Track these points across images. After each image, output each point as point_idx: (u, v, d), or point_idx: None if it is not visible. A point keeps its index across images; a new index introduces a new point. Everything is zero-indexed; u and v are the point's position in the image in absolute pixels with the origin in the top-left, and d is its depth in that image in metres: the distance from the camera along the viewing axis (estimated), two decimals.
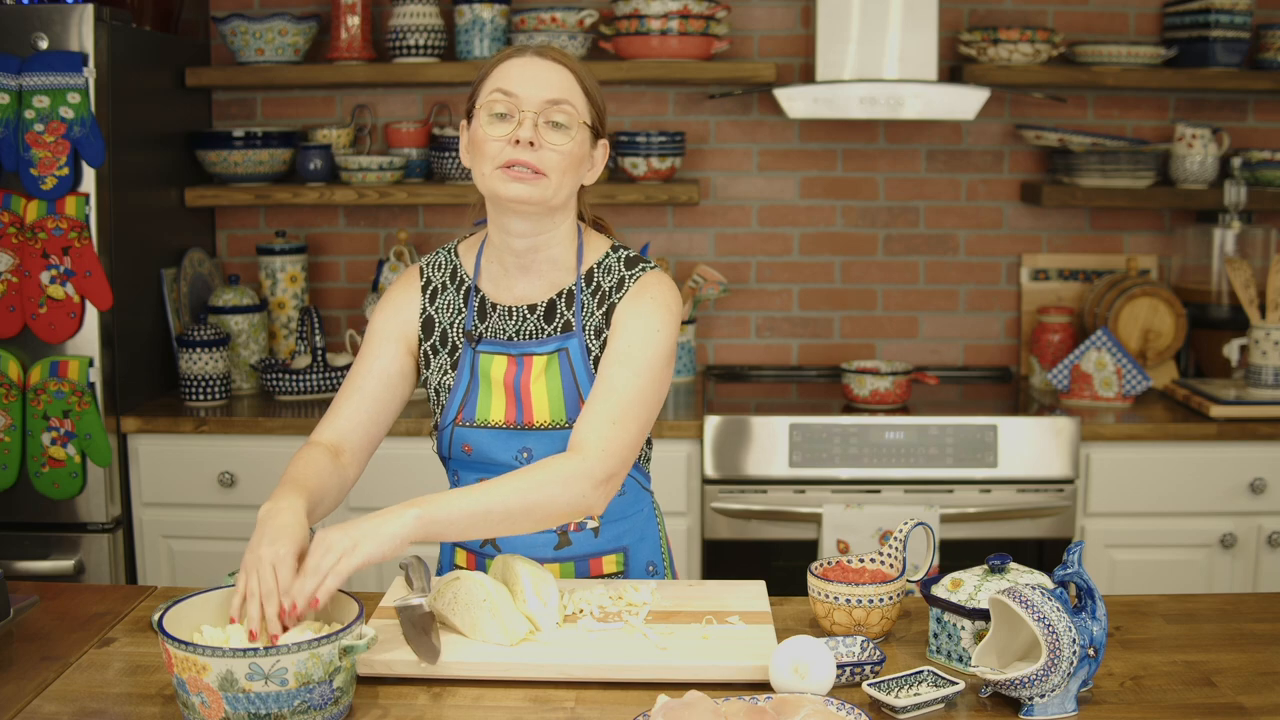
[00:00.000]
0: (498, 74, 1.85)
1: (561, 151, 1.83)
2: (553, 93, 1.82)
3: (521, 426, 1.91)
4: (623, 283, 1.92)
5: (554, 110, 1.82)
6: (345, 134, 3.64)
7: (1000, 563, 1.72)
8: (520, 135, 1.80)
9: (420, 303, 1.98)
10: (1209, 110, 3.67)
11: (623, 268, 1.93)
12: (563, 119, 1.83)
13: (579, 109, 1.85)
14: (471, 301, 1.96)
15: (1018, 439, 3.11)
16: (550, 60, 1.86)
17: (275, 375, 3.37)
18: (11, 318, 3.01)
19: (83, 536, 3.10)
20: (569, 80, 1.85)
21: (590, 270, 1.94)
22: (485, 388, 1.92)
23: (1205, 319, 3.55)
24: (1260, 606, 1.94)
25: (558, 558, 1.96)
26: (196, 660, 1.44)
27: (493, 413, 1.92)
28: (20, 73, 2.94)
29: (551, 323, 1.92)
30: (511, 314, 1.94)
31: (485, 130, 1.83)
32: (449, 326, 1.96)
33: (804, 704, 1.48)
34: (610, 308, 1.91)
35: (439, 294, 1.98)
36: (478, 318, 1.95)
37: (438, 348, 1.97)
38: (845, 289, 3.76)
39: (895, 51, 3.36)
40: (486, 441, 1.92)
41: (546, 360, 1.91)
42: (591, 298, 1.92)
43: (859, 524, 3.05)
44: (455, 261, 2.00)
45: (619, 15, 3.42)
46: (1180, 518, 3.15)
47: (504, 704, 1.60)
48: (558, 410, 1.90)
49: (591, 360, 1.91)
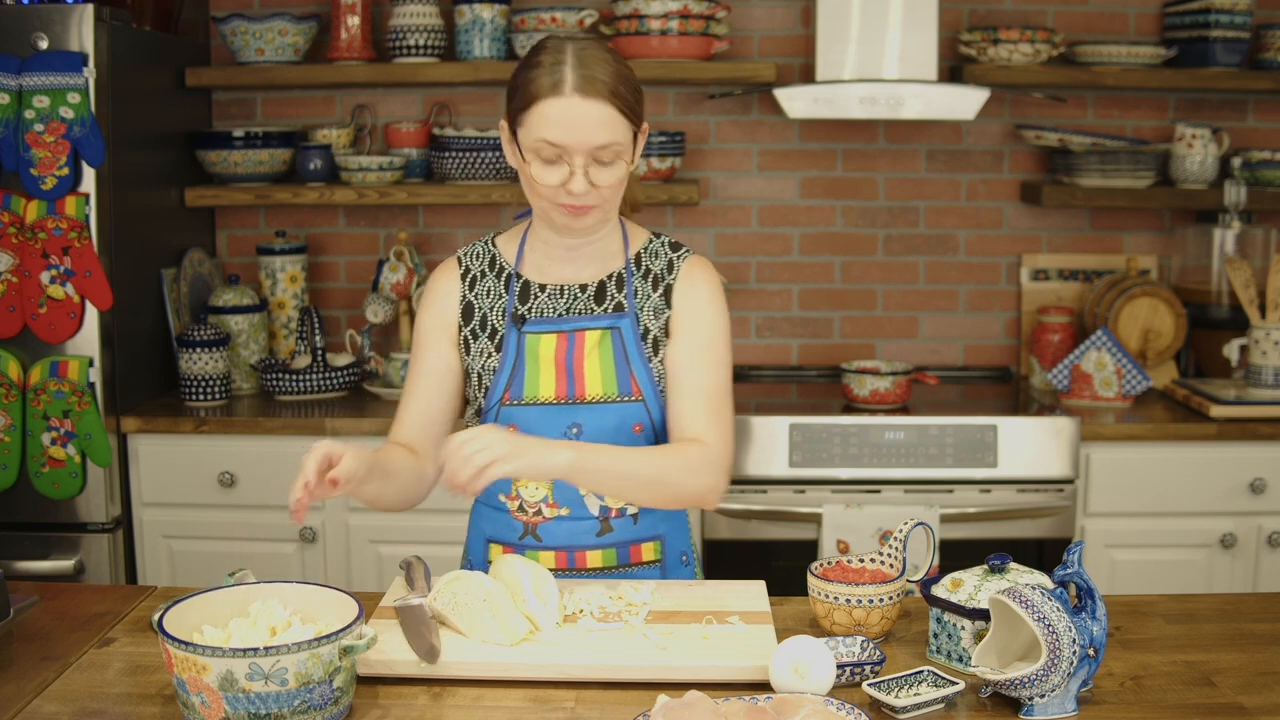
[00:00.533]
0: (540, 117, 1.83)
1: (611, 183, 1.87)
2: (599, 139, 1.83)
3: (573, 400, 1.94)
4: (671, 265, 2.00)
5: (601, 153, 1.85)
6: (345, 134, 3.64)
7: (1000, 563, 1.72)
8: (574, 189, 1.85)
9: (460, 290, 2.02)
10: (1209, 110, 3.67)
11: (668, 250, 2.02)
12: (610, 158, 1.86)
13: (623, 139, 1.86)
14: (513, 287, 2.00)
15: (1018, 439, 3.11)
16: (592, 99, 1.82)
17: (275, 375, 3.37)
18: (11, 318, 3.01)
19: (83, 536, 3.10)
20: (610, 115, 1.84)
21: (638, 255, 2.01)
22: (533, 366, 1.96)
23: (1205, 319, 3.55)
24: (1260, 606, 1.94)
25: (600, 544, 1.97)
26: (196, 660, 1.44)
27: (541, 389, 1.95)
28: (20, 73, 2.94)
29: (602, 303, 1.98)
30: (562, 292, 1.99)
31: (537, 174, 1.87)
32: (489, 311, 2.00)
33: (804, 704, 1.48)
34: (667, 289, 1.98)
35: (478, 281, 2.02)
36: (519, 300, 1.99)
37: (478, 332, 2.00)
38: (845, 289, 3.76)
39: (895, 51, 3.36)
40: (535, 419, 1.94)
41: (600, 336, 1.96)
42: (644, 280, 1.99)
43: (859, 524, 3.05)
44: (494, 251, 2.05)
45: (619, 15, 3.42)
46: (1180, 518, 3.15)
47: (504, 704, 1.60)
48: (609, 384, 1.95)
49: (650, 341, 1.97)
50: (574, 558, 1.97)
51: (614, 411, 1.94)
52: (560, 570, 1.97)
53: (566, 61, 1.84)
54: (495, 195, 3.45)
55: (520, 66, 1.90)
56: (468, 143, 3.44)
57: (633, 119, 1.87)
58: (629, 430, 1.95)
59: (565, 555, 1.97)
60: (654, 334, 1.97)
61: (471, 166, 3.44)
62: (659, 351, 1.97)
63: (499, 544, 2.01)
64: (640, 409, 1.95)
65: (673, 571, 2.05)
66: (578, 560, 1.96)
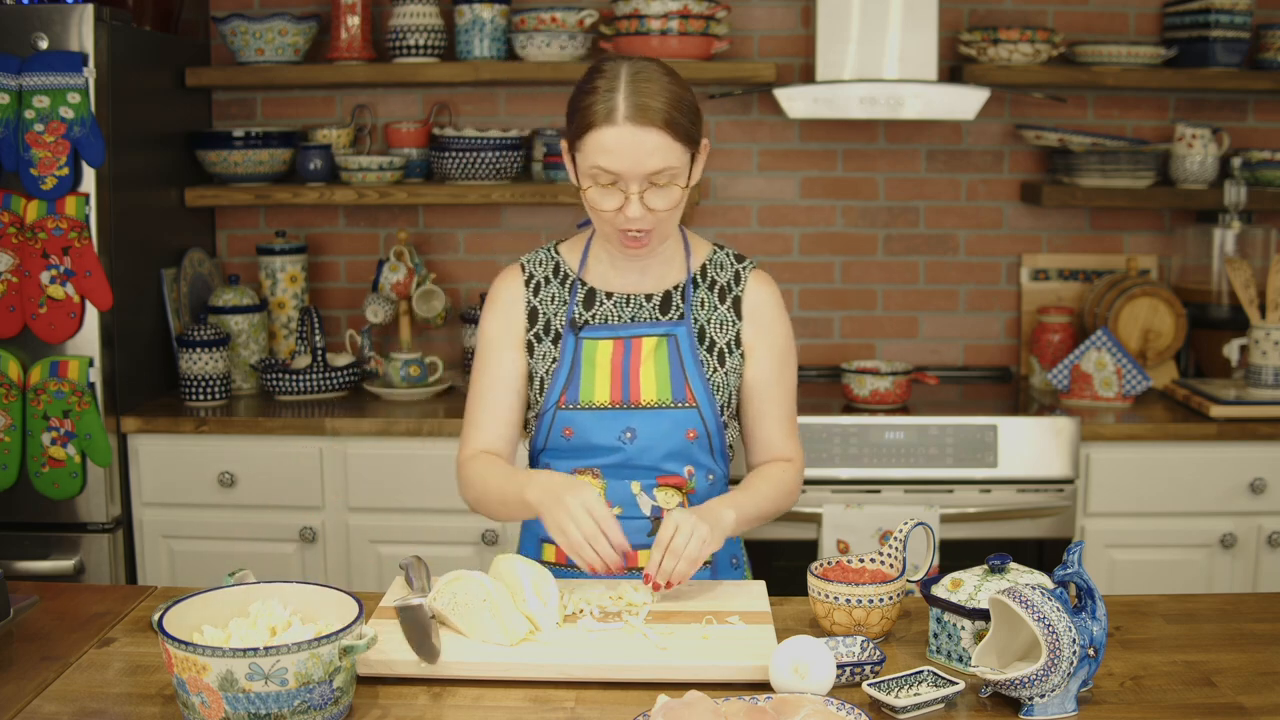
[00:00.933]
0: (595, 145, 1.86)
1: (667, 207, 1.90)
2: (651, 165, 1.86)
3: (627, 405, 1.97)
4: (738, 276, 2.05)
5: (656, 178, 1.87)
6: (345, 134, 3.64)
7: (1000, 563, 1.72)
8: (629, 213, 1.88)
9: (525, 296, 2.05)
10: (1209, 110, 3.67)
11: (733, 261, 2.07)
12: (664, 182, 1.88)
13: (678, 164, 1.89)
14: (576, 292, 2.03)
15: (1018, 439, 3.11)
16: (645, 127, 1.84)
17: (275, 375, 3.37)
18: (11, 318, 3.01)
19: (83, 536, 3.10)
20: (664, 143, 1.85)
21: (704, 266, 2.05)
22: (589, 371, 1.99)
23: (1205, 319, 3.55)
24: (1260, 606, 1.94)
25: (648, 544, 1.98)
26: (196, 660, 1.44)
27: (597, 394, 1.98)
28: (20, 73, 2.94)
29: (667, 313, 2.02)
30: (628, 301, 2.02)
31: (594, 199, 1.91)
32: (553, 316, 2.03)
33: (804, 704, 1.48)
34: (735, 300, 2.04)
35: (542, 287, 2.05)
36: (583, 306, 2.02)
37: (541, 336, 2.03)
38: (845, 289, 3.76)
39: (895, 51, 3.36)
40: (589, 423, 1.98)
41: (656, 342, 1.99)
42: (710, 291, 2.04)
43: (859, 524, 3.05)
44: (557, 258, 2.08)
45: (619, 15, 3.42)
46: (1180, 518, 3.15)
47: (504, 704, 1.60)
48: (664, 390, 1.98)
49: (715, 352, 2.01)
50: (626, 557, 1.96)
51: (668, 417, 1.97)
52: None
53: (620, 89, 1.85)
54: (495, 195, 3.45)
55: (576, 90, 1.92)
56: (468, 143, 3.44)
57: (688, 143, 1.89)
58: (683, 436, 1.98)
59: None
60: (720, 346, 2.01)
61: (471, 166, 3.44)
62: (725, 362, 2.01)
63: (553, 544, 2.04)
64: (694, 415, 1.98)
65: (723, 573, 2.08)
66: (630, 560, 1.96)
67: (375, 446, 3.16)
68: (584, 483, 1.82)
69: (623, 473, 1.99)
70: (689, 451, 1.99)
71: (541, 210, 3.71)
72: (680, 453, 1.99)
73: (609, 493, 1.99)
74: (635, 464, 1.99)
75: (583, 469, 2.00)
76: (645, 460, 1.98)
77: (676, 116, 1.86)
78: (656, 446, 1.98)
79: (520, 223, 3.74)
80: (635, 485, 1.99)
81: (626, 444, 1.97)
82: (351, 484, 3.17)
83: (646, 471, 1.99)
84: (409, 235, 3.61)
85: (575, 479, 1.85)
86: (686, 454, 2.00)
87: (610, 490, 1.99)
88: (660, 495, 2.00)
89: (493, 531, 3.14)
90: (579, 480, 1.84)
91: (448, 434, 3.13)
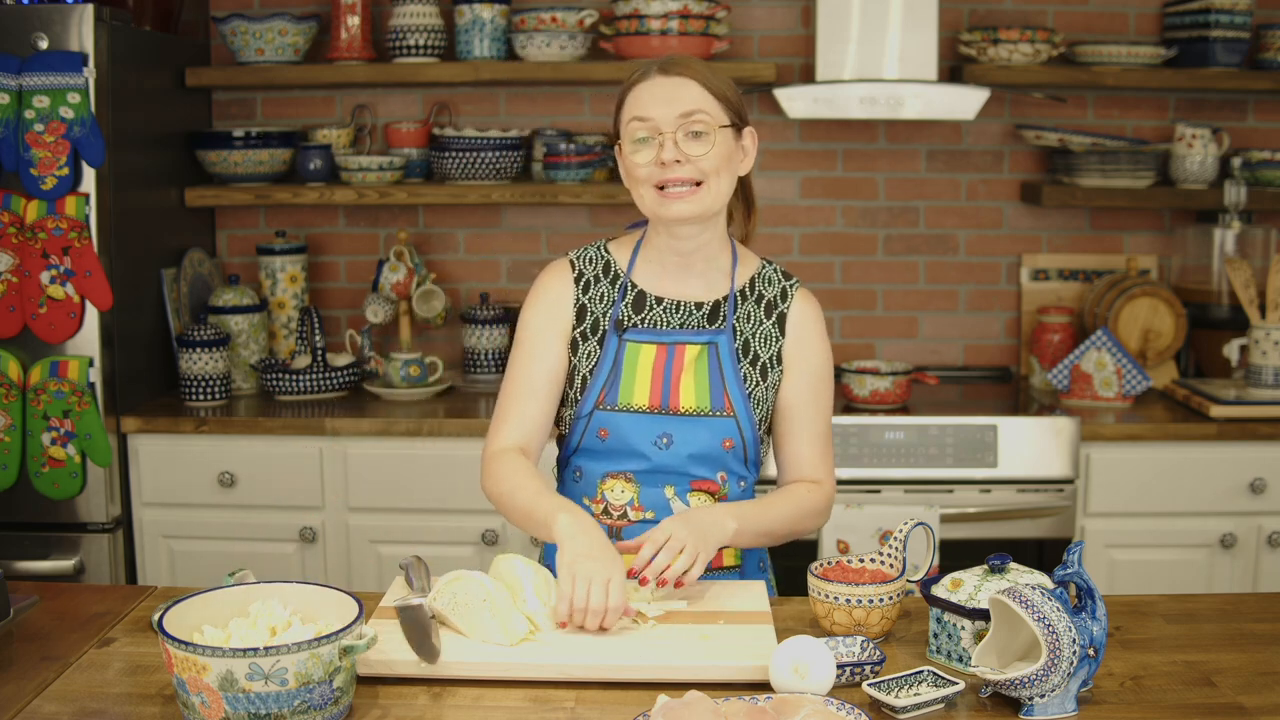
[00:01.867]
0: (630, 100, 1.94)
1: (709, 158, 1.91)
2: (684, 106, 1.90)
3: (666, 411, 1.97)
4: (785, 293, 2.05)
5: (690, 123, 1.90)
6: (345, 134, 3.64)
7: (1000, 563, 1.72)
8: (665, 157, 1.90)
9: (574, 293, 2.04)
10: (1209, 110, 3.67)
11: (781, 278, 2.07)
12: (700, 128, 1.90)
13: (713, 114, 1.92)
14: (625, 293, 2.02)
15: (1018, 439, 3.11)
16: (675, 76, 1.93)
17: (275, 375, 3.37)
18: (11, 318, 3.01)
19: (83, 536, 3.10)
20: (696, 90, 1.92)
21: (752, 279, 2.05)
22: (629, 374, 1.98)
23: (1205, 319, 3.55)
24: (1260, 606, 1.94)
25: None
26: (196, 660, 1.44)
27: (635, 397, 1.97)
28: (20, 73, 2.94)
29: (715, 322, 2.01)
30: (678, 308, 2.01)
31: (632, 157, 1.93)
32: (601, 315, 2.02)
33: (804, 704, 1.48)
34: (781, 316, 2.04)
35: (592, 285, 2.04)
36: (633, 309, 2.01)
37: (587, 335, 2.01)
38: (845, 289, 3.76)
39: (895, 51, 3.36)
40: (627, 426, 1.97)
41: (699, 351, 1.99)
42: (757, 305, 2.03)
43: (859, 524, 3.05)
44: (607, 256, 2.07)
45: (619, 15, 3.42)
46: (1180, 518, 3.15)
47: (504, 704, 1.60)
48: (703, 398, 1.97)
49: (759, 367, 2.00)
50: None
51: (705, 425, 1.97)
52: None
53: (655, 62, 1.96)
54: (495, 195, 3.45)
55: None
56: (468, 143, 3.44)
57: (725, 105, 1.93)
58: (719, 445, 1.98)
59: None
60: (764, 360, 2.01)
61: (471, 166, 3.44)
62: (767, 377, 2.01)
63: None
64: (731, 425, 1.98)
65: (750, 576, 2.08)
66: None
67: (375, 446, 3.16)
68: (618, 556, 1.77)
69: (656, 478, 1.98)
70: (724, 459, 1.99)
71: (542, 210, 3.71)
72: (716, 459, 1.98)
73: (641, 496, 1.98)
74: (669, 469, 1.97)
75: (616, 473, 1.99)
76: (679, 466, 1.97)
77: (710, 77, 1.94)
78: (692, 453, 1.97)
79: (520, 223, 3.74)
80: (669, 490, 1.98)
81: (663, 449, 1.96)
82: (351, 484, 3.17)
83: (680, 476, 1.98)
84: (409, 235, 3.61)
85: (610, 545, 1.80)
86: (721, 461, 1.99)
87: (643, 494, 1.98)
88: (694, 500, 1.99)
89: (493, 531, 3.14)
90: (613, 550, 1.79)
91: (448, 434, 3.13)
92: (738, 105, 1.96)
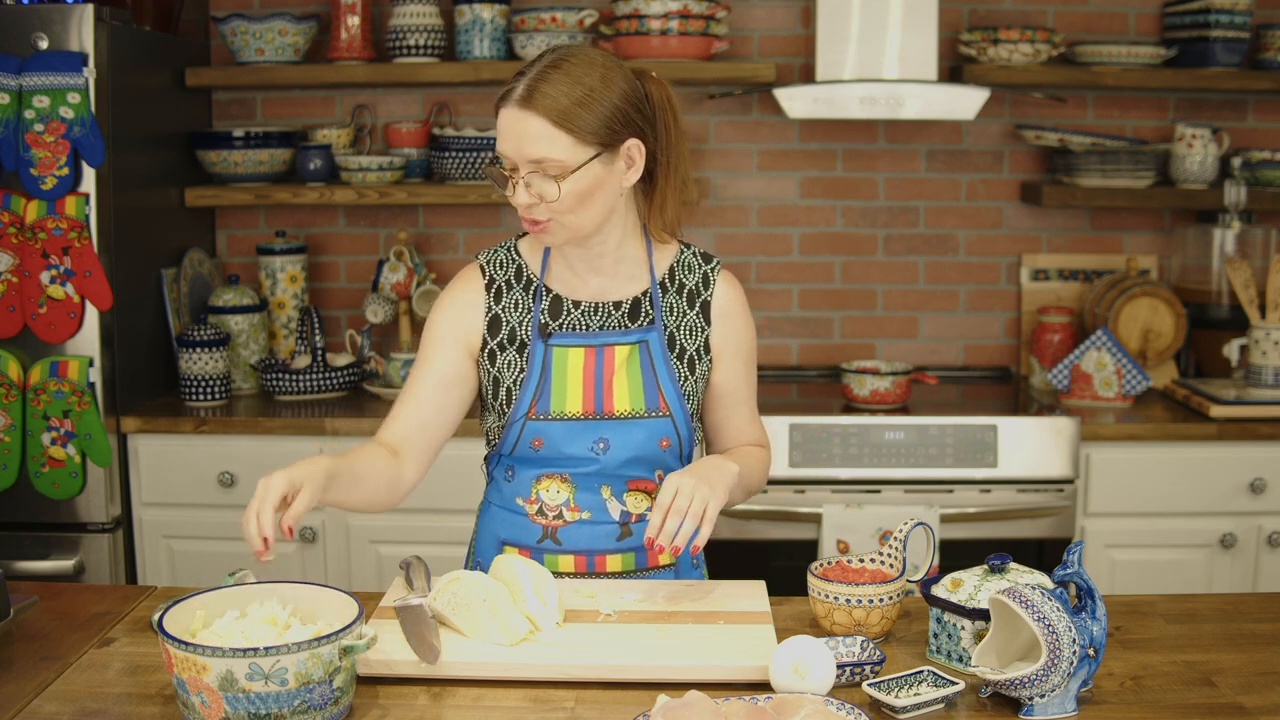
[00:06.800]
0: (499, 120, 1.84)
1: (563, 200, 1.82)
2: (534, 151, 1.80)
3: (600, 416, 1.94)
4: (706, 279, 2.01)
5: (538, 168, 1.81)
6: (345, 134, 3.64)
7: (1000, 563, 1.72)
8: (517, 201, 1.85)
9: (485, 302, 1.98)
10: (1209, 110, 3.67)
11: (700, 262, 2.02)
12: (553, 171, 1.81)
13: (567, 156, 1.79)
14: (541, 298, 1.97)
15: (1018, 439, 3.11)
16: (529, 111, 1.79)
17: (275, 375, 3.37)
18: (11, 318, 3.01)
19: (83, 536, 3.10)
20: (546, 130, 1.79)
21: (671, 268, 2.00)
22: (559, 381, 1.94)
23: (1205, 319, 3.55)
24: (1260, 606, 1.94)
25: (620, 548, 1.97)
26: (196, 660, 1.44)
27: (568, 404, 1.94)
28: (20, 73, 2.94)
29: (636, 320, 1.97)
30: (596, 310, 1.96)
31: (496, 179, 1.88)
32: (518, 324, 1.97)
33: (804, 704, 1.48)
34: (704, 305, 2.00)
35: (504, 293, 1.98)
36: (549, 315, 1.96)
37: (505, 345, 1.96)
38: (845, 289, 3.76)
39: (895, 51, 3.36)
40: (560, 434, 1.93)
41: (629, 351, 1.95)
42: (679, 296, 1.99)
43: (859, 524, 3.05)
44: (518, 260, 2.01)
45: (619, 15, 3.42)
46: (1180, 518, 3.15)
47: (504, 704, 1.60)
48: (637, 400, 1.94)
49: (685, 360, 1.97)
50: (593, 561, 1.96)
51: (641, 427, 1.94)
52: (578, 574, 1.97)
53: (530, 72, 1.83)
54: (495, 195, 3.45)
55: None
56: (468, 143, 3.44)
57: (586, 136, 1.80)
58: (656, 446, 1.95)
59: (585, 559, 1.96)
60: (690, 352, 1.98)
61: (471, 166, 3.44)
62: (695, 370, 1.98)
63: (515, 547, 1.99)
64: (667, 424, 1.96)
65: (685, 573, 2.06)
66: (597, 564, 1.96)
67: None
68: (298, 472, 1.71)
69: (592, 480, 1.95)
70: (661, 458, 1.97)
71: None
72: (652, 459, 1.96)
73: (577, 497, 1.95)
74: (606, 472, 1.95)
75: (551, 474, 1.96)
76: (616, 469, 1.95)
77: (574, 111, 1.78)
78: (629, 455, 1.94)
79: (520, 223, 3.73)
80: (605, 490, 1.95)
81: (600, 454, 1.94)
82: None
83: (616, 478, 1.96)
84: (409, 235, 3.61)
85: (303, 467, 1.73)
86: (658, 460, 1.97)
87: (579, 495, 1.95)
88: (630, 500, 1.97)
89: None
90: (299, 468, 1.72)
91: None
92: (607, 128, 1.81)
